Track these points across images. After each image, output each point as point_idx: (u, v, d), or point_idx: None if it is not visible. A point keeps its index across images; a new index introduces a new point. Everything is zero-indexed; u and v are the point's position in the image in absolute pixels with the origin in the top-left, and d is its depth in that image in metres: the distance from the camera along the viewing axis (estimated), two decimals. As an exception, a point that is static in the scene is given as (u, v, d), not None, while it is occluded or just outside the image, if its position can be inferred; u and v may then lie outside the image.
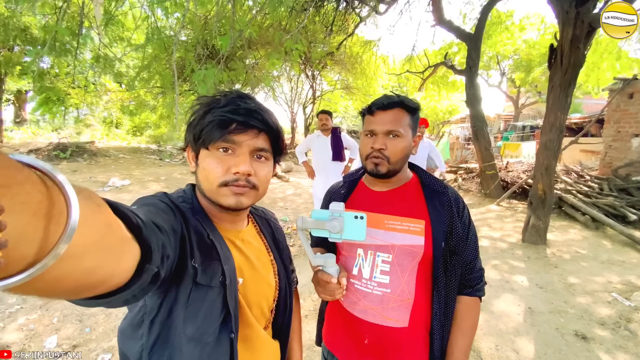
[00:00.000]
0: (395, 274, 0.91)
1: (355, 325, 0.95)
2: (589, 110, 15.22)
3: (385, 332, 0.91)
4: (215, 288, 0.62)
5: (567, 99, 4.01)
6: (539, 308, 2.86)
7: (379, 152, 0.92)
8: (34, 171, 0.27)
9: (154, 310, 0.58)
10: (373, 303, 0.92)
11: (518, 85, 13.42)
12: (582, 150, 9.73)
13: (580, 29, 3.65)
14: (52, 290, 0.31)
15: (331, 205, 0.81)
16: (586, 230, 5.10)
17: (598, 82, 9.37)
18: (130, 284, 0.40)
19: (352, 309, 0.95)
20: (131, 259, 0.40)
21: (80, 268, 0.31)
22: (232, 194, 0.64)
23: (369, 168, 0.94)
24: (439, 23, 6.97)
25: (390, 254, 0.91)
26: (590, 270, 3.69)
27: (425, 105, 17.57)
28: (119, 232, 0.37)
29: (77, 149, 9.21)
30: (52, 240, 0.27)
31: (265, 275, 0.77)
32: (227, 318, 0.64)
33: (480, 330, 2.52)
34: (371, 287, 0.92)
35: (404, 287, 0.91)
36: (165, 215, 0.57)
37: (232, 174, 0.64)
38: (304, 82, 15.96)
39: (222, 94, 0.68)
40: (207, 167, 0.64)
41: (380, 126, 0.92)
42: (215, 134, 0.63)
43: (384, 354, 0.92)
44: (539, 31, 10.98)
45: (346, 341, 0.98)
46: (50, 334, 2.29)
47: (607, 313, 2.78)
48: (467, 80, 6.78)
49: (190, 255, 0.59)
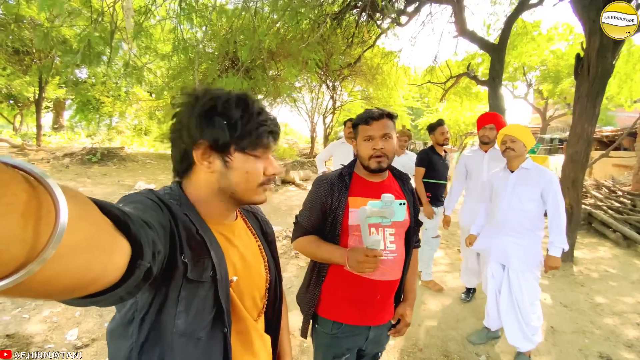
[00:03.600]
0: (398, 241, 1.23)
1: (371, 287, 1.20)
2: (622, 123, 14.48)
3: (391, 285, 1.23)
4: (206, 283, 0.63)
5: (595, 109, 3.85)
6: (562, 327, 2.72)
7: (380, 151, 1.18)
8: (19, 172, 0.27)
9: (144, 307, 0.59)
10: (388, 266, 1.20)
11: (546, 96, 13.00)
12: (615, 164, 9.23)
13: (607, 38, 3.52)
14: (44, 291, 0.30)
15: (383, 196, 1.01)
16: (617, 249, 4.81)
17: (631, 94, 8.92)
18: (123, 281, 0.40)
19: (372, 275, 1.18)
20: (122, 255, 0.40)
21: (72, 267, 0.31)
22: (264, 191, 0.73)
23: (374, 167, 1.20)
24: (461, 34, 6.90)
25: (393, 228, 1.21)
26: (619, 290, 3.47)
27: (447, 116, 17.30)
28: (108, 229, 0.37)
29: (108, 153, 9.70)
30: (42, 241, 0.27)
31: (256, 267, 0.79)
32: (219, 313, 0.65)
33: (498, 349, 2.42)
34: (386, 255, 1.19)
35: (401, 249, 1.24)
36: (153, 211, 0.57)
37: (267, 175, 0.71)
38: (324, 92, 16.17)
39: (237, 97, 0.68)
40: (251, 170, 0.69)
41: (377, 131, 1.18)
42: (263, 142, 0.69)
43: (387, 302, 1.26)
44: (567, 42, 10.65)
45: (356, 306, 1.22)
46: (72, 327, 2.40)
47: (635, 335, 2.61)
48: (490, 91, 6.63)
49: (180, 250, 0.59)
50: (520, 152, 2.09)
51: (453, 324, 2.74)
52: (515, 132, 2.08)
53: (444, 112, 17.32)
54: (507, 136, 2.11)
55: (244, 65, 2.42)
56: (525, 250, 2.12)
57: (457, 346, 2.45)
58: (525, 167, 2.10)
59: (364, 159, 1.22)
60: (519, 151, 2.08)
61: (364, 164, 1.23)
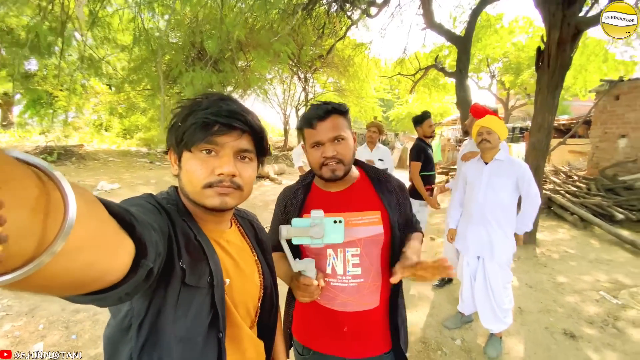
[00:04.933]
0: (365, 263, 1.02)
1: (333, 318, 1.04)
2: (577, 112, 15.50)
3: (362, 316, 1.03)
4: (203, 288, 0.63)
5: (555, 100, 4.07)
6: (528, 307, 2.89)
7: (332, 159, 0.98)
8: (30, 167, 0.28)
9: (141, 313, 0.58)
10: (350, 295, 1.02)
11: (507, 87, 13.60)
12: (571, 151, 9.89)
13: (566, 32, 3.71)
14: (49, 286, 0.31)
15: (312, 212, 0.86)
16: (574, 230, 5.17)
17: (585, 84, 9.54)
18: (125, 280, 0.41)
19: (330, 305, 1.04)
20: (126, 254, 0.41)
21: (78, 263, 0.32)
22: (216, 194, 0.64)
23: (327, 176, 1.00)
24: (429, 26, 7.03)
25: (357, 247, 1.02)
26: (578, 269, 3.74)
27: (417, 107, 17.72)
28: (114, 227, 0.38)
29: (65, 152, 9.05)
30: (50, 236, 0.27)
31: (250, 275, 0.78)
32: (214, 318, 0.65)
33: (472, 332, 2.52)
34: (346, 281, 1.02)
35: (374, 273, 1.03)
36: (153, 215, 0.58)
37: (216, 175, 0.64)
38: (296, 84, 15.98)
39: (203, 96, 0.68)
40: (190, 169, 0.64)
41: (325, 135, 0.97)
42: (198, 136, 0.63)
43: (360, 334, 1.04)
44: (527, 34, 11.15)
45: (324, 333, 1.06)
46: (36, 340, 2.24)
47: (595, 311, 2.81)
48: (457, 82, 6.83)
49: (177, 256, 0.59)
50: (495, 144, 2.15)
51: (429, 311, 2.83)
52: (491, 124, 2.13)
53: (414, 103, 17.71)
54: (484, 127, 2.15)
55: (212, 59, 2.29)
56: (500, 240, 2.20)
57: (433, 332, 2.53)
58: (499, 158, 2.17)
59: (315, 169, 1.03)
60: (494, 143, 2.14)
61: (317, 174, 1.04)
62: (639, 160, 6.79)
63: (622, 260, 3.99)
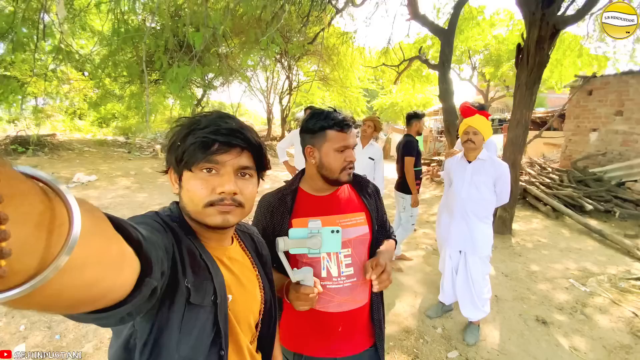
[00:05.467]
0: (356, 263, 1.09)
1: (327, 320, 1.07)
2: (552, 104, 16.06)
3: (354, 314, 1.09)
4: (207, 307, 0.64)
5: (532, 97, 4.21)
6: (504, 296, 3.05)
7: (351, 163, 1.06)
8: (37, 182, 0.28)
9: (144, 333, 0.58)
10: (345, 295, 1.07)
11: (488, 79, 13.89)
12: (546, 143, 10.29)
13: (545, 30, 3.82)
14: (52, 304, 0.31)
15: (310, 223, 0.88)
16: (547, 220, 5.45)
17: (561, 78, 9.87)
18: (129, 299, 0.41)
19: (326, 308, 1.06)
20: (131, 272, 0.40)
21: (81, 281, 0.31)
22: (218, 213, 0.65)
23: (345, 180, 1.07)
24: (413, 17, 7.04)
25: (349, 247, 1.08)
26: (550, 258, 3.96)
27: (400, 98, 17.84)
28: (120, 245, 0.38)
29: (38, 142, 8.62)
30: (53, 252, 0.27)
31: (252, 291, 0.79)
32: (217, 335, 0.65)
33: (452, 320, 2.66)
34: (341, 282, 1.07)
35: (364, 271, 1.07)
36: (159, 234, 0.58)
37: (217, 194, 0.64)
38: (279, 72, 15.71)
39: (202, 115, 0.68)
40: (191, 188, 0.65)
41: (352, 141, 1.06)
42: (198, 156, 0.63)
43: (352, 332, 1.10)
44: (507, 27, 11.35)
45: (315, 337, 1.09)
46: (18, 342, 2.19)
47: (564, 299, 3.01)
48: (440, 75, 6.92)
49: (183, 274, 0.60)
50: (479, 146, 2.22)
51: (411, 301, 2.95)
52: (478, 124, 2.19)
53: (397, 94, 17.81)
54: (471, 127, 2.21)
55: (197, 55, 2.23)
56: (480, 235, 2.31)
57: (416, 321, 2.64)
58: (481, 158, 2.25)
59: (334, 172, 1.05)
60: (478, 144, 2.22)
61: (331, 177, 1.06)
62: (608, 154, 7.16)
63: (590, 248, 4.26)
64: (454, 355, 2.25)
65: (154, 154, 11.09)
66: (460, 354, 2.27)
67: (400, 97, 17.83)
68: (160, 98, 10.24)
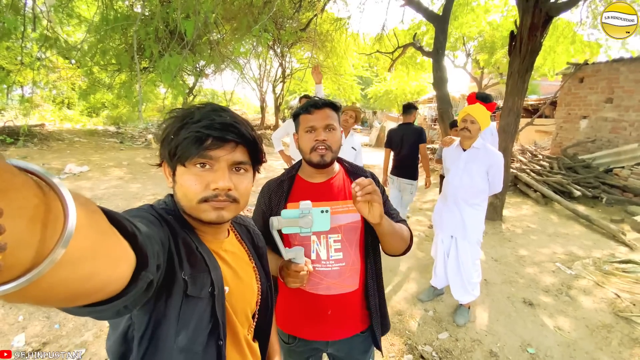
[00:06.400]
0: (346, 248, 1.11)
1: (317, 302, 1.11)
2: (545, 91, 16.12)
3: (343, 299, 1.12)
4: (205, 299, 0.64)
5: (525, 84, 4.25)
6: (493, 279, 3.16)
7: (323, 143, 1.06)
8: (31, 176, 0.28)
9: (142, 325, 0.59)
10: (333, 278, 1.11)
11: (482, 66, 13.86)
12: (537, 130, 10.39)
13: (538, 18, 3.83)
14: (48, 298, 0.31)
15: (301, 203, 0.92)
16: (537, 206, 5.57)
17: (553, 65, 9.88)
18: (125, 292, 0.41)
19: (315, 290, 1.11)
20: (127, 266, 0.40)
21: (77, 274, 0.31)
22: (212, 209, 0.65)
23: (316, 160, 1.08)
24: (407, 3, 6.96)
25: (339, 233, 1.11)
26: (538, 242, 4.08)
27: (395, 85, 17.73)
28: (115, 239, 0.38)
29: (27, 132, 8.46)
30: (48, 246, 0.27)
31: (248, 282, 0.79)
32: (214, 327, 0.66)
33: (443, 304, 2.75)
34: (329, 265, 1.10)
35: (354, 257, 1.12)
36: (155, 227, 0.57)
37: (211, 190, 0.64)
38: (272, 59, 15.48)
39: (195, 107, 0.67)
40: (185, 184, 0.64)
41: (319, 122, 1.07)
42: (191, 151, 0.62)
43: (342, 316, 1.13)
44: (502, 13, 11.28)
45: (308, 320, 1.14)
46: (17, 332, 2.21)
47: (551, 281, 3.13)
48: (434, 62, 6.89)
49: (179, 267, 0.59)
50: (474, 135, 2.26)
51: (404, 285, 3.04)
52: (477, 113, 2.21)
53: (392, 81, 17.70)
54: (469, 116, 2.23)
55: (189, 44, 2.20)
56: (471, 220, 2.37)
57: (408, 305, 2.73)
58: (476, 146, 2.29)
59: (305, 152, 1.11)
60: (474, 133, 2.25)
61: (305, 158, 1.12)
62: (597, 141, 7.28)
63: (577, 233, 4.39)
64: (445, 336, 2.34)
65: (147, 143, 10.97)
66: (450, 335, 2.36)
67: (395, 84, 17.73)
68: (151, 87, 10.05)
